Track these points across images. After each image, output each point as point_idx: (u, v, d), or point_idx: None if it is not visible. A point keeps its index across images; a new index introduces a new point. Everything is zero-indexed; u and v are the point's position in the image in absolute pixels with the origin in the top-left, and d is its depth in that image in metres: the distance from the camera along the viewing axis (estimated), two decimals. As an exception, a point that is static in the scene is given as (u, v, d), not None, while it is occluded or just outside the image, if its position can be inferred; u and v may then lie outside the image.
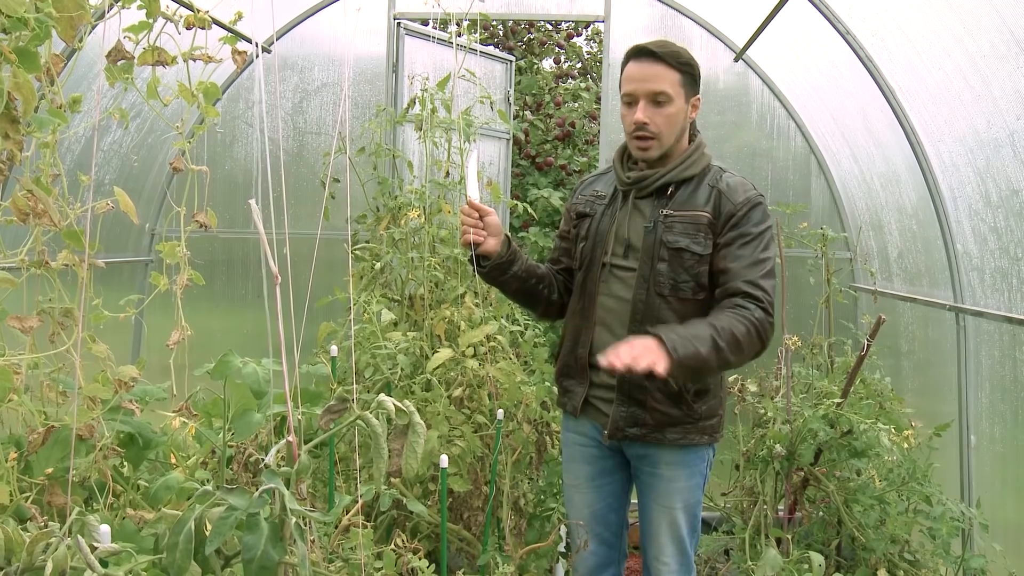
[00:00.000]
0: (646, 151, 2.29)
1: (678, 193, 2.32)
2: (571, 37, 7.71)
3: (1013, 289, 2.91)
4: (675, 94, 2.25)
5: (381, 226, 3.53)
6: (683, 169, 2.31)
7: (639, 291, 2.30)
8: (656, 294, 2.28)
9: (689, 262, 2.26)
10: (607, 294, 2.37)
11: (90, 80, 3.29)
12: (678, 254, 2.26)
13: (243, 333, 4.59)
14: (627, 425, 2.32)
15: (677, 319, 2.25)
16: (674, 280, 2.27)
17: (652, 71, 2.24)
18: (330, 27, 4.49)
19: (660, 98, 2.24)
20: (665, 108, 2.25)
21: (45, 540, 1.10)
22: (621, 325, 2.33)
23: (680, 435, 2.32)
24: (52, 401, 1.87)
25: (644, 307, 2.29)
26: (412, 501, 2.30)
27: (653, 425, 2.31)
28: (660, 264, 2.27)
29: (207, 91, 1.93)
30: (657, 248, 2.28)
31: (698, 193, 2.30)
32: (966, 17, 2.77)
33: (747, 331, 2.12)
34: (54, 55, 1.70)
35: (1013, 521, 3.13)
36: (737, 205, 2.25)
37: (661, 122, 2.26)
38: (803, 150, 4.53)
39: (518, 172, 6.64)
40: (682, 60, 2.26)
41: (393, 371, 2.82)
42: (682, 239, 2.26)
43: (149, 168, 4.16)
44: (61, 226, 1.73)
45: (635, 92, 2.26)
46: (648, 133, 2.26)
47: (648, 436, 2.32)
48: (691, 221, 2.27)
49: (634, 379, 2.27)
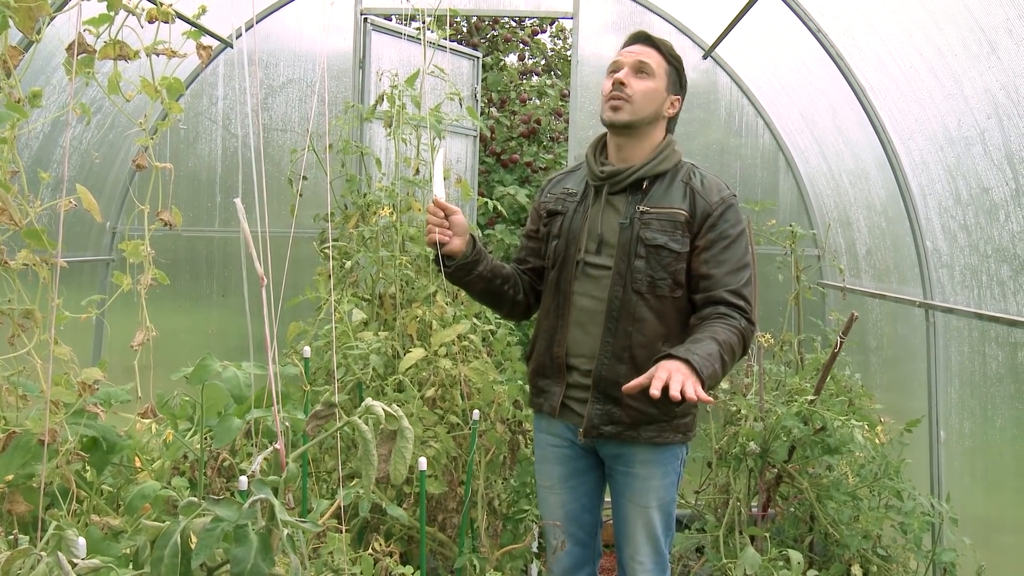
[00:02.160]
0: (617, 111, 2.30)
1: (652, 189, 2.31)
2: (536, 34, 7.68)
3: (983, 286, 2.93)
4: (659, 75, 2.32)
5: (350, 224, 3.47)
6: (656, 164, 2.31)
7: (615, 288, 2.27)
8: (633, 291, 2.26)
9: (667, 259, 2.25)
10: (581, 292, 2.34)
11: (48, 74, 3.20)
12: (656, 251, 2.25)
13: (207, 333, 4.51)
14: (602, 423, 2.30)
15: (653, 316, 2.26)
16: (651, 277, 2.25)
17: (644, 50, 2.33)
18: (296, 23, 4.42)
19: (644, 69, 2.30)
20: (645, 80, 2.30)
21: (22, 558, 1.04)
22: (596, 323, 2.31)
23: (655, 433, 2.31)
24: (12, 405, 1.80)
25: (620, 304, 2.27)
26: (391, 506, 2.25)
27: (629, 423, 2.29)
28: (637, 261, 2.26)
29: (170, 87, 1.88)
30: (634, 245, 2.26)
31: (672, 189, 2.30)
32: (938, 15, 2.78)
33: (738, 341, 2.17)
34: (11, 47, 1.63)
35: (982, 515, 3.16)
36: (713, 205, 2.26)
37: (639, 89, 2.29)
38: (771, 147, 4.54)
39: (484, 169, 6.60)
40: (673, 54, 2.35)
41: (364, 371, 2.76)
42: (660, 236, 2.25)
43: (110, 165, 4.06)
44: (22, 224, 1.67)
45: (621, 60, 2.32)
46: (623, 95, 2.28)
47: (623, 434, 2.30)
48: (668, 218, 2.27)
49: (609, 376, 2.26)
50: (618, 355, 2.27)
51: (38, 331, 1.71)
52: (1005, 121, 2.61)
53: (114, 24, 1.76)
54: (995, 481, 3.07)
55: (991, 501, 3.13)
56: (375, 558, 2.10)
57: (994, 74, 2.61)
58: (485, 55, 7.18)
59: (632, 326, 2.26)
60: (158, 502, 1.78)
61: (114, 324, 3.35)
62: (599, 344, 2.29)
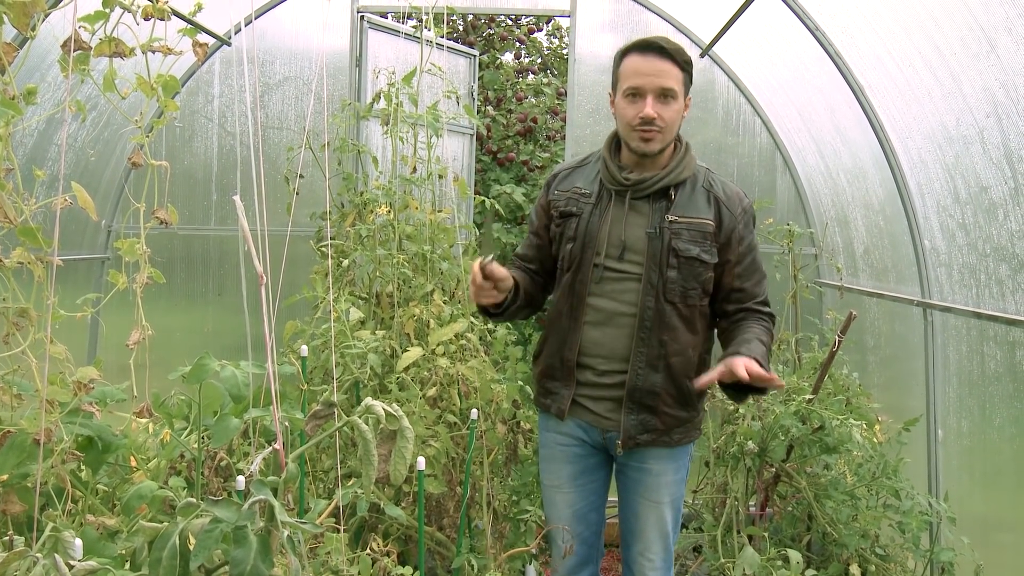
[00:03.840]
0: (649, 143, 2.27)
1: (678, 196, 2.31)
2: (532, 32, 7.66)
3: (981, 285, 2.92)
4: (679, 92, 2.26)
5: (347, 222, 3.46)
6: (681, 171, 2.32)
7: (647, 298, 2.28)
8: (666, 301, 2.28)
9: (699, 270, 2.29)
10: (600, 295, 2.33)
11: (43, 71, 3.18)
12: (689, 263, 2.28)
13: (203, 332, 4.49)
14: (638, 432, 2.33)
15: (683, 325, 2.30)
16: (684, 288, 2.28)
17: (661, 66, 2.23)
18: (292, 21, 4.40)
19: (669, 94, 2.24)
20: (671, 104, 2.26)
21: (18, 559, 1.03)
22: (615, 324, 2.31)
23: (683, 435, 2.38)
24: (7, 405, 1.79)
25: (654, 314, 2.28)
26: (390, 506, 2.24)
27: (663, 429, 2.33)
28: (670, 271, 2.27)
29: (166, 84, 1.87)
30: (666, 255, 2.27)
31: (696, 197, 2.32)
32: (937, 14, 2.78)
33: (770, 339, 2.31)
34: (5, 43, 1.62)
35: (980, 514, 3.15)
36: (738, 217, 2.32)
37: (668, 117, 2.25)
38: (768, 146, 4.54)
39: (480, 168, 6.59)
40: (685, 59, 2.27)
41: (362, 370, 2.75)
42: (692, 247, 2.27)
43: (106, 163, 4.05)
44: (16, 223, 1.66)
45: (643, 86, 2.23)
46: (656, 128, 2.24)
47: (658, 440, 2.34)
48: (698, 229, 2.29)
49: (644, 385, 2.30)
50: (653, 364, 2.29)
51: (33, 330, 1.71)
52: (1004, 120, 2.60)
53: (109, 21, 1.75)
54: (993, 480, 3.06)
55: (989, 500, 3.12)
56: (373, 558, 2.09)
57: (993, 73, 2.60)
58: (481, 53, 7.16)
59: (667, 335, 2.29)
60: (155, 502, 1.77)
61: (110, 323, 3.34)
62: (631, 354, 2.30)
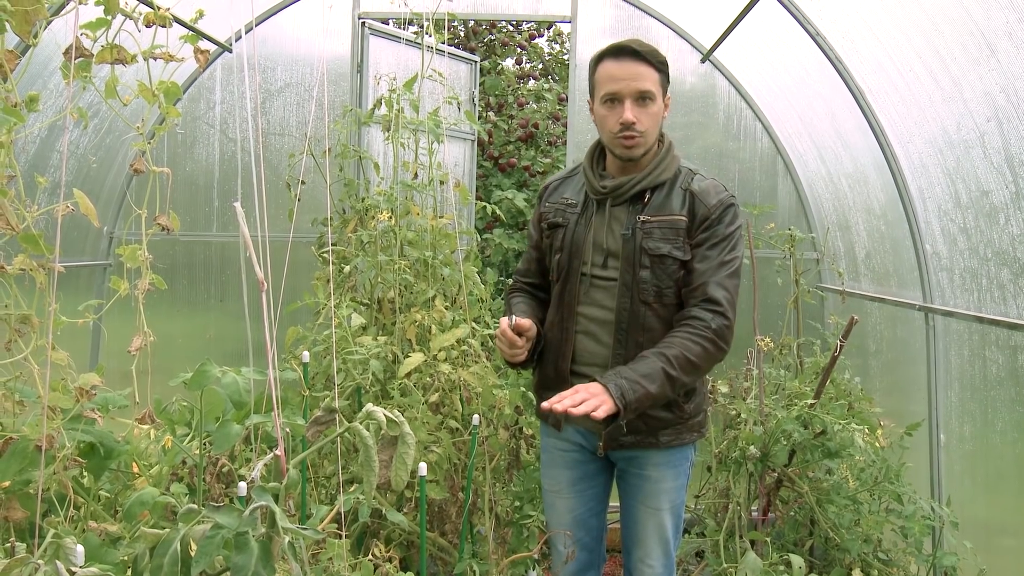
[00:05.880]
0: (631, 149, 2.26)
1: (653, 198, 2.30)
2: (533, 38, 7.68)
3: (983, 289, 2.92)
4: (657, 93, 2.25)
5: (348, 228, 3.46)
6: (659, 174, 2.30)
7: (622, 300, 2.27)
8: (640, 302, 2.25)
9: (672, 267, 2.24)
10: (588, 304, 2.33)
11: (45, 78, 3.19)
12: (660, 260, 2.24)
13: (205, 338, 4.50)
14: (619, 434, 2.31)
15: (661, 325, 2.26)
16: (658, 287, 2.25)
17: (636, 70, 2.22)
18: (293, 27, 4.41)
19: (647, 96, 2.23)
20: (650, 107, 2.25)
21: (20, 566, 1.03)
22: (606, 335, 2.30)
23: (673, 436, 2.34)
24: (9, 411, 1.79)
25: (629, 316, 2.26)
26: (392, 511, 2.24)
27: (647, 431, 2.31)
28: (642, 271, 2.25)
29: (168, 91, 1.87)
30: (638, 255, 2.25)
31: (672, 196, 2.29)
32: (937, 19, 2.78)
33: (703, 349, 2.16)
34: (8, 51, 1.62)
35: (983, 518, 3.15)
36: (711, 208, 2.25)
37: (647, 121, 2.25)
38: (770, 151, 4.54)
39: (481, 173, 6.60)
40: (660, 59, 2.26)
41: (364, 376, 2.75)
42: (663, 245, 2.24)
43: (108, 169, 4.05)
44: (19, 229, 1.66)
45: (620, 91, 2.22)
46: (636, 132, 2.24)
47: (643, 442, 2.33)
48: (669, 226, 2.25)
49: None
50: None
51: (35, 336, 1.70)
52: (1005, 124, 2.60)
53: (111, 28, 1.75)
54: (996, 484, 3.06)
55: (992, 504, 3.12)
56: (375, 564, 2.09)
57: (994, 77, 2.60)
58: (483, 59, 7.18)
59: (642, 336, 2.25)
60: (156, 508, 1.76)
61: (111, 329, 3.35)
62: (610, 355, 2.28)
